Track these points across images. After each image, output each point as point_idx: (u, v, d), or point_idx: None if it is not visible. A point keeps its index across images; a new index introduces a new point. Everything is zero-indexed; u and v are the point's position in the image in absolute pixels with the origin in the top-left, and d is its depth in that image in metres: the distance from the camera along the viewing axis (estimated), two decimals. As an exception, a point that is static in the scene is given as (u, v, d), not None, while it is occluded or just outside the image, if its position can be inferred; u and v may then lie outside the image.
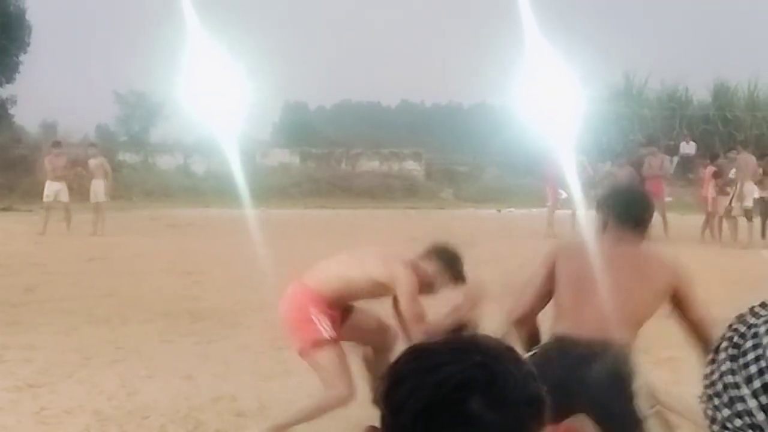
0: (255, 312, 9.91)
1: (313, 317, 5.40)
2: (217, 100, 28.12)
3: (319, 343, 5.38)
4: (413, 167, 38.32)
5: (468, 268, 5.61)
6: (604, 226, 4.33)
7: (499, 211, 30.37)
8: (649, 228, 4.40)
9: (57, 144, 22.49)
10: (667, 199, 21.71)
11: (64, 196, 20.58)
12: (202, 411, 6.33)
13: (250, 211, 21.31)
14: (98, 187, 21.20)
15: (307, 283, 5.58)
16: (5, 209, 26.40)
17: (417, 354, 1.34)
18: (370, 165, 38.02)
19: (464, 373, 1.26)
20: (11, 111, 39.60)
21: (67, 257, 15.37)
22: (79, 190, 22.26)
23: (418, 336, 5.15)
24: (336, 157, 38.40)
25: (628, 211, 4.34)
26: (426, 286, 5.49)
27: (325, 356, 5.38)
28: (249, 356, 8.03)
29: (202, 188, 33.01)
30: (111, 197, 21.80)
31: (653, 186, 20.36)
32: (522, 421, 1.27)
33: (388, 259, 5.53)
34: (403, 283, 5.37)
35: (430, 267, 5.55)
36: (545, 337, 4.24)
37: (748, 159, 20.82)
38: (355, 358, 5.64)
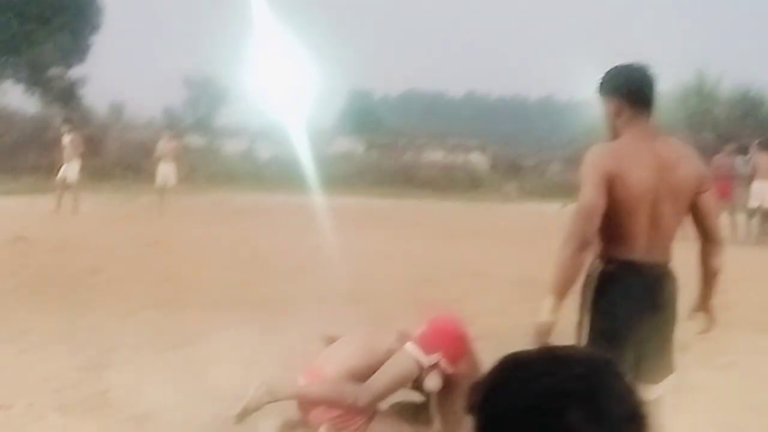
0: (317, 301, 9.90)
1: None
2: (283, 86, 28.29)
3: None
4: (478, 159, 38.15)
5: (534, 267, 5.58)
6: (617, 113, 4.25)
7: (563, 206, 30.08)
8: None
9: (68, 121, 22.61)
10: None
11: (74, 177, 20.69)
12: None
13: (313, 199, 21.44)
14: (169, 171, 21.35)
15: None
16: (72, 189, 26.75)
17: (515, 363, 1.31)
18: (435, 156, 37.93)
19: (564, 385, 1.23)
20: (81, 91, 40.16)
21: (130, 240, 15.51)
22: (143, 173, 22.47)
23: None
24: (400, 147, 38.36)
25: (642, 89, 4.27)
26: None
27: None
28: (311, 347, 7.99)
29: (266, 174, 33.20)
30: (177, 180, 21.97)
31: (722, 186, 20.03)
32: None
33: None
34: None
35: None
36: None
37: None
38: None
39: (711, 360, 7.51)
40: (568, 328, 4.48)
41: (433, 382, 5.61)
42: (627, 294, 4.14)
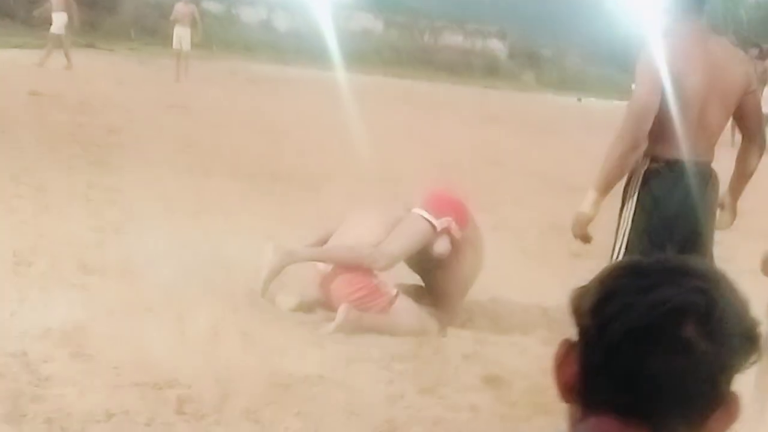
0: (335, 177, 9.82)
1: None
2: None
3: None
4: (496, 46, 37.74)
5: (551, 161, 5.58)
6: (667, 10, 4.19)
7: (579, 100, 29.86)
8: None
9: None
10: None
11: (61, 29, 20.44)
12: (284, 271, 6.29)
13: (329, 73, 21.20)
14: (184, 35, 21.07)
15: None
16: (87, 46, 26.44)
17: (631, 270, 1.24)
18: (454, 39, 37.51)
19: (682, 297, 1.17)
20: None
21: (148, 102, 15.39)
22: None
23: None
24: (420, 28, 37.90)
25: None
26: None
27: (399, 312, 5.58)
28: (329, 222, 7.93)
29: (283, 45, 32.83)
30: (192, 45, 21.70)
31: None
32: (736, 354, 1.19)
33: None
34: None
35: None
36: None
37: None
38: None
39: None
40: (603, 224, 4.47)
41: (443, 246, 5.66)
42: (672, 193, 4.13)
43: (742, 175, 4.41)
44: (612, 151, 4.11)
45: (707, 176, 4.21)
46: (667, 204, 4.12)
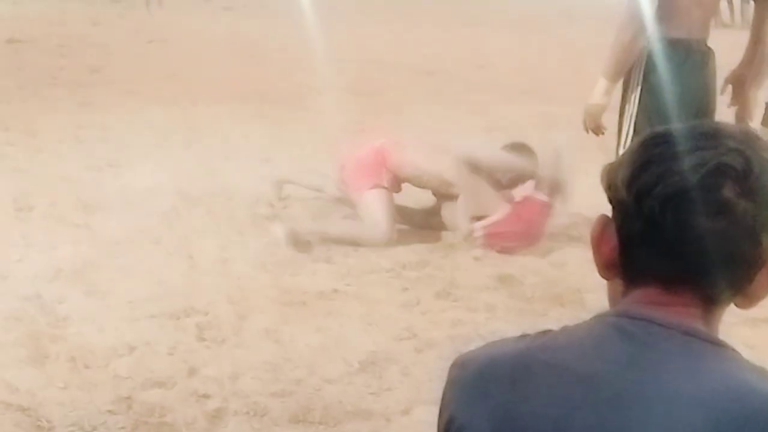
0: (322, 95, 9.74)
1: (382, 172, 5.62)
2: None
3: (375, 187, 5.55)
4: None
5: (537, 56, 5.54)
6: None
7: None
8: None
9: None
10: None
11: None
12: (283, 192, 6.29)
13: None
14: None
15: (389, 152, 5.70)
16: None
17: (663, 139, 1.23)
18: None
19: (719, 159, 1.16)
20: None
21: (126, 38, 15.15)
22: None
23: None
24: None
25: None
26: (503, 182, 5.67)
27: (376, 198, 5.52)
28: (322, 139, 7.90)
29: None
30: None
31: None
32: None
33: (458, 168, 5.56)
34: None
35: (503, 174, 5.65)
36: None
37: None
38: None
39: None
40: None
41: None
42: (677, 70, 4.18)
43: (755, 42, 4.45)
44: (619, 37, 4.15)
45: (707, 53, 4.26)
46: (674, 81, 4.16)
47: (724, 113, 4.63)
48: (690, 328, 1.18)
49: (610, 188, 1.25)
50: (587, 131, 4.59)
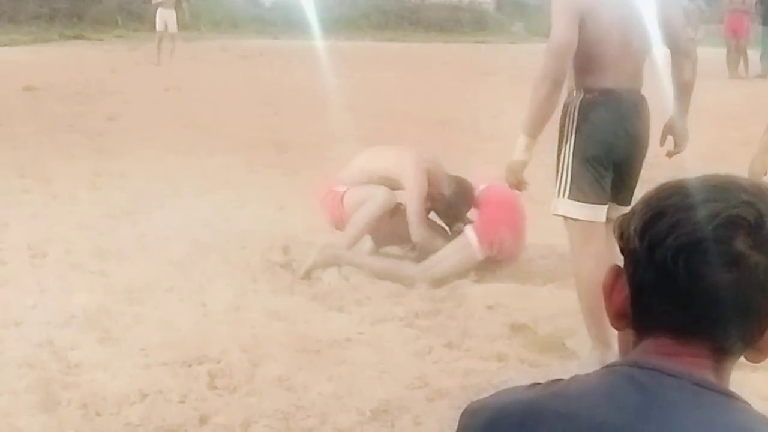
0: (336, 144, 9.78)
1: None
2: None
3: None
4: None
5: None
6: None
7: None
8: None
9: None
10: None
11: (173, 27, 20.43)
12: (298, 240, 6.30)
13: (319, 43, 21.07)
14: (169, 17, 20.90)
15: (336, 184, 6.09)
16: (75, 37, 26.33)
17: (676, 190, 1.24)
18: (440, -3, 37.35)
19: (732, 211, 1.17)
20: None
21: (143, 87, 15.33)
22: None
23: (417, 234, 5.79)
24: (404, -12, 37.72)
25: None
26: (432, 199, 5.92)
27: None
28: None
29: (270, 18, 32.70)
30: (178, 27, 21.55)
31: (735, 22, 19.71)
32: None
33: (405, 159, 5.90)
34: (412, 184, 5.78)
35: (446, 189, 5.92)
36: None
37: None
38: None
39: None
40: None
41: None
42: (609, 119, 4.22)
43: (680, 91, 4.43)
44: (536, 92, 4.18)
45: (639, 102, 4.29)
46: (607, 129, 4.21)
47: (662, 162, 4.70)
48: (700, 379, 1.18)
49: (623, 238, 1.26)
50: (510, 187, 4.64)
